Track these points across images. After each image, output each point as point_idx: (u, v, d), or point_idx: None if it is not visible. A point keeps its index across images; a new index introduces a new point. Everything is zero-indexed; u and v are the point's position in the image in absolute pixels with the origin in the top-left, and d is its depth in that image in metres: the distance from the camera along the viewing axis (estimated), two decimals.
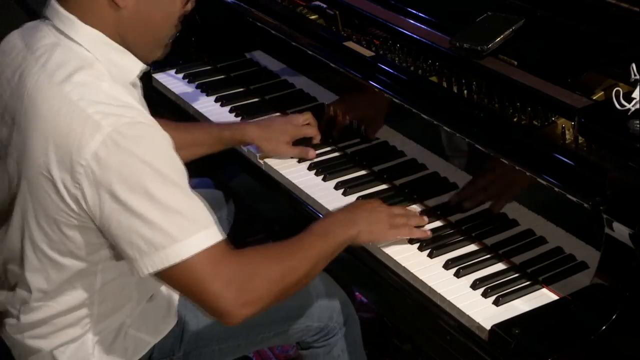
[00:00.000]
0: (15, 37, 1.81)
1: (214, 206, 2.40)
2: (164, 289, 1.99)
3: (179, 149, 2.13)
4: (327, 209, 2.13)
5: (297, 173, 2.28)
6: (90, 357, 1.86)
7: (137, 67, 1.76)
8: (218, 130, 2.32)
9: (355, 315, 2.18)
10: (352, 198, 2.15)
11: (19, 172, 1.71)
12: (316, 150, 2.35)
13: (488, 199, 2.01)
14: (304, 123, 2.36)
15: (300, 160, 2.32)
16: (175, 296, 2.00)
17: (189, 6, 1.80)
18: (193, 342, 1.97)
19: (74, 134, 1.60)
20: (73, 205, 1.64)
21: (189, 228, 1.61)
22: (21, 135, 1.68)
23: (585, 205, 1.69)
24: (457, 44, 2.09)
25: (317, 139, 2.36)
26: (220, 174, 2.57)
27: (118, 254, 1.72)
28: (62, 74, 1.66)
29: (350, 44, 2.30)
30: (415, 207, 2.11)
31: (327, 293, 2.11)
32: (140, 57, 1.77)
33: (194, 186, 2.41)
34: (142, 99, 1.84)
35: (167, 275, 1.63)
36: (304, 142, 2.36)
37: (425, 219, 2.03)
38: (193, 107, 2.65)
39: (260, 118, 2.47)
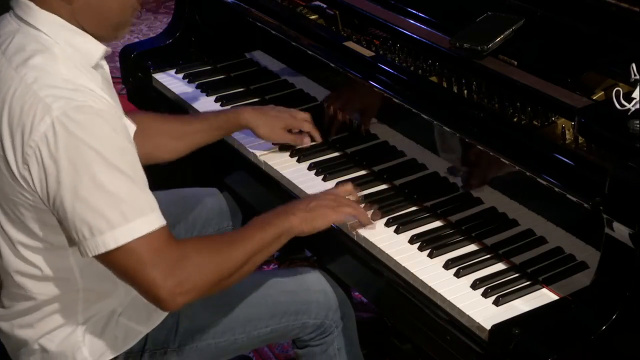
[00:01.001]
0: None
1: (221, 217, 2.41)
2: None
3: (178, 139, 2.16)
4: None
5: (297, 173, 2.28)
6: (81, 345, 1.87)
7: (98, 49, 1.79)
8: (214, 116, 2.35)
9: (352, 313, 2.17)
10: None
11: None
12: (317, 150, 2.36)
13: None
14: (302, 118, 2.36)
15: (300, 160, 2.32)
16: None
17: None
18: (188, 335, 1.97)
19: (25, 116, 1.65)
20: (24, 186, 1.69)
21: (128, 214, 1.64)
22: None
23: (585, 205, 1.69)
24: (457, 44, 2.09)
25: (316, 137, 2.36)
26: (226, 183, 2.56)
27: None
28: (20, 58, 1.70)
29: (350, 44, 2.30)
30: (415, 207, 2.11)
31: (324, 290, 2.11)
32: (100, 40, 1.79)
33: (201, 196, 2.43)
34: (107, 81, 1.85)
35: (107, 260, 1.68)
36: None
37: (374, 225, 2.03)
38: (193, 107, 2.65)
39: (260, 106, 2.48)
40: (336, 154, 2.36)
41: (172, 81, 2.80)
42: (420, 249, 1.97)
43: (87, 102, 1.65)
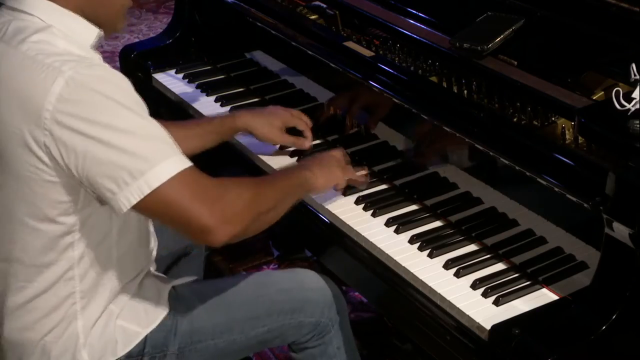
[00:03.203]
0: None
1: None
2: (151, 280, 2.00)
3: None
4: (327, 209, 2.13)
5: None
6: (81, 349, 1.87)
7: (92, 33, 1.80)
8: (208, 121, 2.34)
9: (346, 308, 2.17)
10: (352, 199, 2.15)
11: None
12: (317, 151, 2.35)
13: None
14: (298, 115, 2.36)
15: (299, 159, 2.32)
16: (166, 285, 2.00)
17: None
18: (187, 337, 1.97)
19: (35, 85, 1.66)
20: (44, 157, 1.69)
21: (163, 151, 1.67)
22: None
23: (585, 205, 1.69)
24: (457, 44, 2.09)
25: (308, 137, 2.35)
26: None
27: (93, 217, 1.77)
28: (19, 38, 1.73)
29: (350, 44, 2.30)
30: (415, 207, 2.11)
31: (320, 287, 2.11)
32: (102, 29, 1.82)
33: None
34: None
35: (149, 203, 1.67)
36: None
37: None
38: (193, 107, 2.65)
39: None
40: None
41: (172, 81, 2.80)
42: (420, 249, 1.97)
43: (94, 62, 1.69)
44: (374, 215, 2.09)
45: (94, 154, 1.65)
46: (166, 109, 2.79)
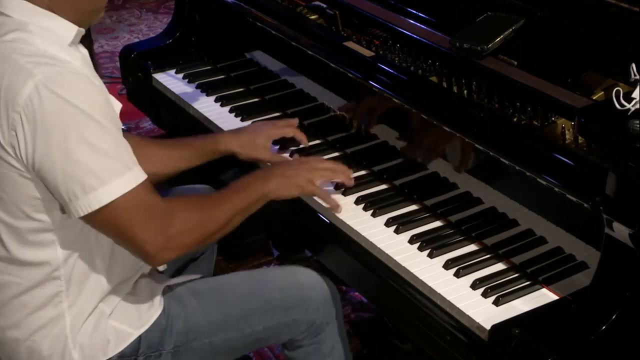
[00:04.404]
0: None
1: None
2: (146, 280, 2.00)
3: (159, 165, 2.15)
4: (327, 209, 2.13)
5: None
6: (71, 350, 1.86)
7: (70, 30, 1.80)
8: (191, 142, 2.29)
9: (340, 307, 2.16)
10: (352, 199, 2.15)
11: None
12: (317, 151, 2.36)
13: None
14: (283, 125, 2.34)
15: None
16: (159, 286, 2.00)
17: None
18: (183, 336, 1.97)
19: (8, 85, 1.68)
20: (11, 154, 1.70)
21: (117, 170, 1.70)
22: None
23: (585, 205, 1.69)
24: (457, 44, 2.09)
25: (303, 140, 2.34)
26: (222, 180, 2.56)
27: (69, 216, 1.77)
28: None
29: (350, 44, 2.30)
30: (415, 207, 2.11)
31: (316, 285, 2.10)
32: (76, 24, 1.81)
33: (194, 192, 2.43)
34: (87, 63, 1.84)
35: (97, 218, 1.72)
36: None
37: (352, 182, 2.14)
38: (193, 107, 2.65)
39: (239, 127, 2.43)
40: (336, 154, 2.36)
41: (172, 81, 2.80)
42: (420, 249, 1.97)
43: (66, 69, 1.69)
44: (374, 215, 2.09)
45: (52, 161, 1.68)
46: (166, 109, 2.79)
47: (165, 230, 1.76)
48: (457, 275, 1.88)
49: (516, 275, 1.87)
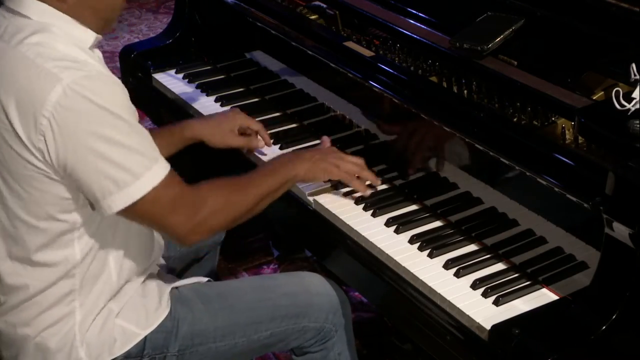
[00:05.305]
0: None
1: None
2: (154, 281, 2.00)
3: None
4: (327, 209, 2.13)
5: None
6: (78, 348, 1.87)
7: (90, 37, 1.83)
8: (161, 131, 2.32)
9: (350, 315, 2.17)
10: (352, 199, 2.15)
11: None
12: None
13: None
14: (254, 121, 2.37)
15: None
16: (167, 288, 2.01)
17: None
18: (188, 339, 1.97)
19: (34, 89, 1.69)
20: (39, 157, 1.72)
21: (146, 164, 1.75)
22: None
23: (585, 205, 1.69)
24: (457, 44, 2.09)
25: (265, 138, 2.37)
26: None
27: (95, 214, 1.81)
28: (18, 38, 1.75)
29: (350, 44, 2.30)
30: (415, 207, 2.11)
31: (325, 293, 2.11)
32: (94, 31, 1.84)
33: None
34: (102, 62, 1.86)
35: (129, 212, 1.78)
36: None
37: (378, 182, 2.15)
38: (193, 107, 2.65)
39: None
40: None
41: (172, 81, 2.80)
42: (420, 249, 1.97)
43: (92, 72, 1.72)
44: (374, 215, 2.09)
45: (84, 161, 1.71)
46: (166, 109, 2.79)
47: (196, 214, 1.83)
48: (457, 275, 1.88)
49: (516, 275, 1.87)
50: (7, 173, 1.78)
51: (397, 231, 2.03)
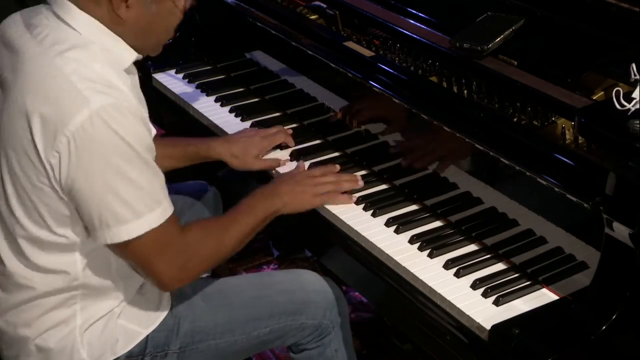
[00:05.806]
0: (17, 17, 1.88)
1: (210, 209, 2.41)
2: None
3: None
4: (327, 209, 2.13)
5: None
6: (80, 349, 1.87)
7: (130, 55, 1.84)
8: (184, 145, 2.31)
9: (347, 311, 2.17)
10: (352, 199, 2.15)
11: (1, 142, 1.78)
12: (316, 150, 2.36)
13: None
14: (273, 133, 2.35)
15: (296, 160, 2.32)
16: None
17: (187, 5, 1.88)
18: (189, 336, 1.98)
19: (62, 106, 1.68)
20: (48, 172, 1.72)
21: (150, 204, 1.75)
22: (9, 99, 1.75)
23: (585, 205, 1.69)
24: (457, 44, 2.09)
25: (290, 143, 2.36)
26: (218, 176, 2.56)
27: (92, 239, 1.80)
28: (57, 49, 1.74)
29: (350, 44, 2.30)
30: (415, 207, 2.12)
31: (322, 290, 2.12)
32: (136, 51, 1.85)
33: (190, 188, 2.43)
34: (136, 86, 1.89)
35: (122, 247, 1.77)
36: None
37: (360, 182, 2.16)
38: (193, 107, 2.65)
39: (232, 134, 2.42)
40: (336, 154, 2.36)
41: (172, 81, 2.80)
42: (420, 249, 1.97)
43: (121, 101, 1.70)
44: (374, 215, 2.09)
45: (92, 188, 1.70)
46: (166, 109, 2.79)
47: (182, 264, 1.83)
48: (457, 275, 1.88)
49: (516, 275, 1.87)
50: (18, 179, 1.78)
51: (397, 231, 2.03)
